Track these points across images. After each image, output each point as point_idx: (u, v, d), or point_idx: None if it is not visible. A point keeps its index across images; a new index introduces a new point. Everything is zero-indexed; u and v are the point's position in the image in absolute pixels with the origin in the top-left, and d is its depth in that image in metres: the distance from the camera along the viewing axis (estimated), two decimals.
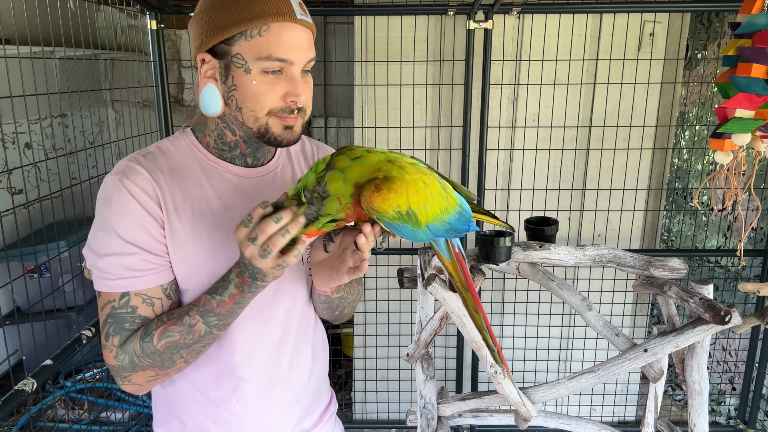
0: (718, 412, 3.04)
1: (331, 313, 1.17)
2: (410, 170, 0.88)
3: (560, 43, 2.47)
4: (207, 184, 1.03)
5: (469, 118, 2.43)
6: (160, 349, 0.94)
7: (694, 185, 3.42)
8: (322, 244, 1.00)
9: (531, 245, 1.56)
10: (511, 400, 1.54)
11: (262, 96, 0.95)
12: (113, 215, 0.96)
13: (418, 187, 0.87)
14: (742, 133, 1.36)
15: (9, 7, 1.75)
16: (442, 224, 0.92)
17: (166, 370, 0.98)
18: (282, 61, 0.93)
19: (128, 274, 0.95)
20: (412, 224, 0.88)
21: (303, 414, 1.15)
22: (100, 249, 0.97)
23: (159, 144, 1.06)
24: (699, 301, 1.37)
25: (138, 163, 0.99)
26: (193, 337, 0.95)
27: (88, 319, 2.90)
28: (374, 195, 0.83)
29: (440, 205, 0.91)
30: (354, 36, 2.52)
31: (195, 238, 0.99)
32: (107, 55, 3.46)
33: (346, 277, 0.97)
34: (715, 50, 3.21)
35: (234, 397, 1.05)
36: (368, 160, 0.88)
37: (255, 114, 0.96)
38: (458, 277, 1.04)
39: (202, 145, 1.06)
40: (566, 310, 2.78)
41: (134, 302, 0.96)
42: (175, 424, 1.09)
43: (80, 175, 3.36)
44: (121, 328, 0.96)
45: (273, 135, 0.98)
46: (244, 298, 0.93)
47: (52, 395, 2.93)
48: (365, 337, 2.82)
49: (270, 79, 0.94)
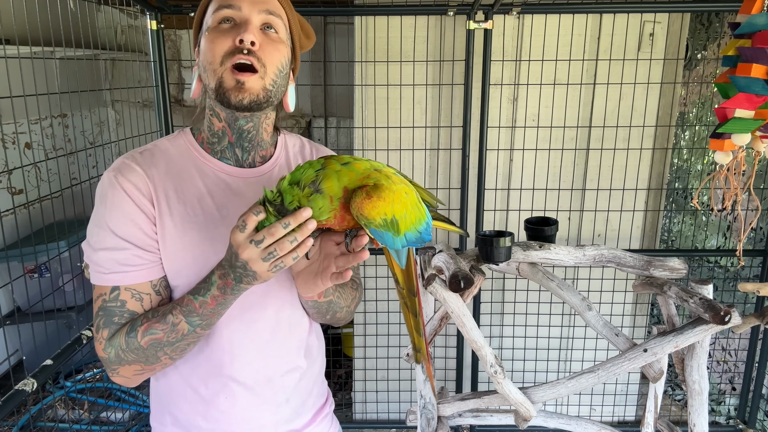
0: (718, 412, 3.04)
1: (322, 317, 1.17)
2: (395, 180, 0.90)
3: (560, 43, 2.47)
4: (201, 182, 1.04)
5: (469, 118, 2.43)
6: (144, 346, 0.95)
7: (694, 185, 3.42)
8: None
9: (531, 245, 1.56)
10: (511, 400, 1.54)
11: (213, 44, 0.97)
12: (107, 211, 0.98)
13: (401, 197, 0.89)
14: (742, 133, 1.36)
15: (9, 7, 1.75)
16: (414, 234, 0.94)
17: (152, 365, 0.98)
18: (229, 6, 0.96)
19: (119, 268, 0.97)
20: (393, 232, 0.89)
21: (293, 414, 1.15)
22: (96, 243, 0.98)
23: (157, 142, 1.08)
24: (699, 301, 1.37)
25: (133, 161, 1.01)
26: (176, 336, 0.95)
27: (88, 319, 2.91)
28: (365, 202, 0.84)
29: (416, 215, 0.93)
30: (354, 36, 2.52)
31: (186, 236, 1.00)
32: (107, 55, 3.47)
33: (330, 281, 0.97)
34: (714, 50, 3.21)
35: (223, 395, 1.06)
36: (357, 167, 0.88)
37: (212, 66, 0.98)
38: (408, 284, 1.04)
39: (198, 143, 1.07)
40: (566, 310, 2.78)
41: (123, 296, 0.98)
42: (167, 419, 1.11)
43: (80, 175, 3.37)
44: (110, 321, 0.97)
45: (225, 89, 0.97)
46: (226, 300, 0.94)
47: (52, 395, 2.94)
48: (365, 337, 2.82)
49: (221, 28, 0.97)
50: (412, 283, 1.04)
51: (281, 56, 1.00)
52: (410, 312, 1.08)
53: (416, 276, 1.05)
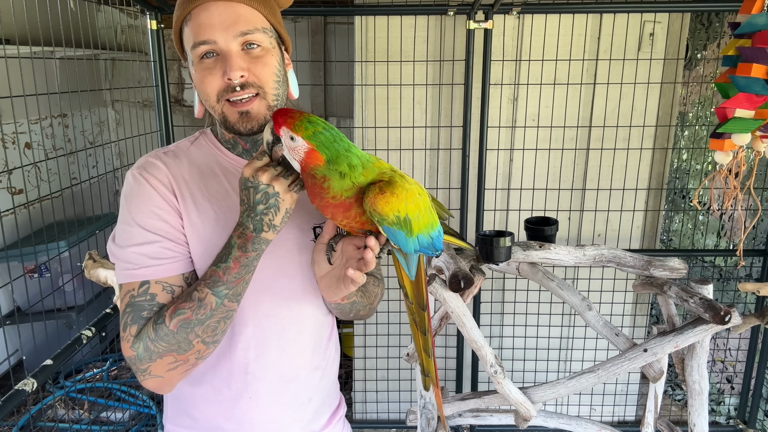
0: (717, 412, 3.04)
1: (345, 316, 1.17)
2: (408, 180, 0.90)
3: (560, 43, 2.47)
4: (226, 181, 1.04)
5: (469, 118, 2.43)
6: (173, 330, 0.92)
7: (694, 185, 3.42)
8: (325, 257, 0.99)
9: (531, 245, 1.56)
10: (511, 400, 1.54)
11: (202, 82, 0.97)
12: (134, 207, 0.97)
13: (414, 197, 0.89)
14: (742, 133, 1.36)
15: (9, 7, 1.76)
16: (427, 239, 0.93)
17: (185, 354, 0.94)
18: (204, 43, 0.94)
19: (150, 262, 0.96)
20: (406, 232, 0.89)
21: (314, 414, 1.15)
22: (123, 241, 0.97)
23: (178, 143, 1.09)
24: (699, 301, 1.37)
25: (157, 158, 1.02)
26: (205, 312, 0.93)
27: (88, 319, 2.90)
28: (378, 197, 0.84)
29: (428, 218, 0.92)
30: (354, 36, 2.52)
31: (215, 234, 0.99)
32: (107, 55, 3.47)
33: (352, 286, 0.96)
34: (715, 50, 3.21)
35: (246, 395, 1.05)
36: (376, 165, 0.89)
37: (209, 103, 0.98)
38: (417, 297, 1.01)
39: (219, 142, 1.08)
40: (566, 310, 2.78)
41: (154, 290, 0.96)
42: (186, 421, 1.09)
43: (80, 175, 3.37)
44: (138, 316, 0.95)
45: (231, 123, 0.98)
46: (249, 259, 0.92)
47: (52, 395, 2.94)
48: (365, 337, 2.82)
49: (206, 64, 0.96)
50: (422, 297, 1.01)
51: (272, 67, 0.99)
52: (419, 329, 1.04)
53: (427, 289, 1.02)
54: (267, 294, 1.02)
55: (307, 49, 4.11)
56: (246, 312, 1.02)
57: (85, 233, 2.49)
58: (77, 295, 3.00)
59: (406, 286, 1.01)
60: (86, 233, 2.49)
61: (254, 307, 1.02)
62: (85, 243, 2.68)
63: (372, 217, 0.86)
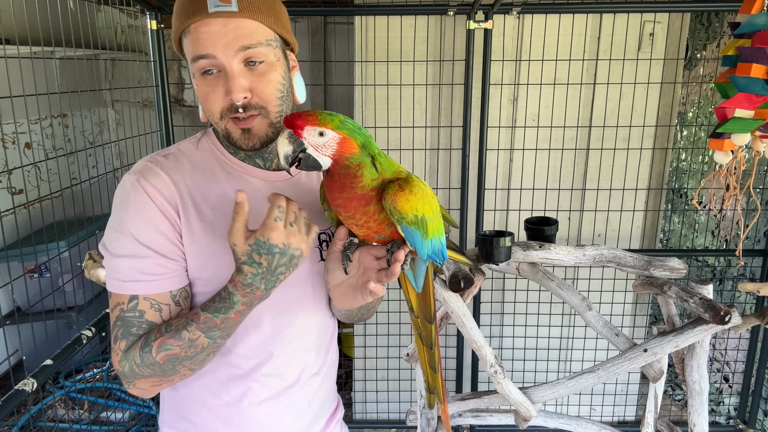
0: (717, 412, 3.04)
1: (350, 320, 1.17)
2: (422, 181, 0.90)
3: (560, 43, 2.47)
4: (227, 185, 1.01)
5: (469, 118, 2.44)
6: (159, 361, 0.92)
7: (693, 185, 3.42)
8: (341, 266, 0.98)
9: (531, 245, 1.56)
10: (511, 400, 1.54)
11: (206, 99, 0.95)
12: (129, 216, 0.94)
13: (429, 198, 0.89)
14: (742, 133, 1.37)
15: (9, 7, 1.76)
16: (438, 244, 0.92)
17: (170, 377, 0.95)
18: (203, 57, 0.91)
19: (140, 277, 0.94)
20: (422, 233, 0.88)
21: (312, 419, 1.14)
22: (115, 249, 0.95)
23: (179, 145, 1.05)
24: (699, 301, 1.37)
25: (157, 164, 0.98)
26: (195, 350, 0.92)
27: (88, 319, 2.90)
28: (398, 194, 0.84)
29: (439, 223, 0.92)
30: (354, 36, 2.52)
31: (216, 242, 0.97)
32: (107, 55, 3.47)
33: (370, 296, 0.96)
34: (714, 50, 3.21)
35: (246, 400, 1.04)
36: (391, 161, 0.90)
37: (213, 119, 0.96)
38: (424, 310, 0.98)
39: (221, 145, 1.05)
40: (566, 310, 2.78)
41: (142, 306, 0.94)
42: (183, 425, 1.08)
43: (80, 175, 3.37)
44: (128, 332, 0.94)
45: (234, 140, 0.96)
46: (252, 309, 0.92)
47: (52, 395, 2.93)
48: (365, 337, 2.82)
49: (209, 81, 0.93)
50: (429, 309, 0.99)
51: (275, 84, 0.96)
52: (424, 344, 1.01)
53: (434, 302, 0.99)
54: (273, 304, 1.00)
55: (307, 49, 4.11)
56: (250, 321, 1.00)
57: (85, 233, 2.49)
58: (77, 295, 3.00)
59: (412, 300, 0.99)
60: (86, 233, 2.49)
61: (259, 317, 1.01)
62: (85, 243, 2.68)
63: (392, 215, 0.86)
